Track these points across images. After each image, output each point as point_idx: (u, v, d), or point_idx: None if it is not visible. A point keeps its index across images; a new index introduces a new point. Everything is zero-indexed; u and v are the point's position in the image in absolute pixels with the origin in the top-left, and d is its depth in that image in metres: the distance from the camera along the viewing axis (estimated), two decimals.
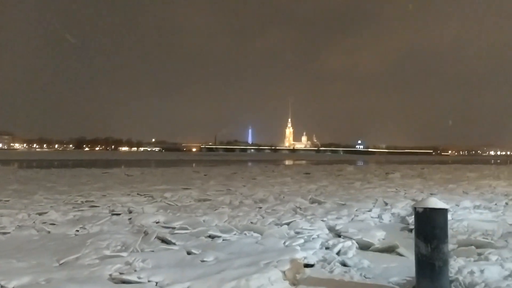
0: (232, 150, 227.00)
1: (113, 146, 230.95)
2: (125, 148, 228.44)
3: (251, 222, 8.34)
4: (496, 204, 11.23)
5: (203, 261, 5.49)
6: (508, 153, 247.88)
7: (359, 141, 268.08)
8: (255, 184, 17.49)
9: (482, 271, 4.80)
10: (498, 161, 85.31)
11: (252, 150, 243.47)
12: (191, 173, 26.60)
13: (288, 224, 8.09)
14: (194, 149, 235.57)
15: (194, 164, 45.60)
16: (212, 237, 7.09)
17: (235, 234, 7.28)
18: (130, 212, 9.63)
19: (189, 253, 5.94)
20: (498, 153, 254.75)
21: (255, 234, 7.27)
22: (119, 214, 9.28)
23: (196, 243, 6.62)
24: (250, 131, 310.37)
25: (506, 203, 11.45)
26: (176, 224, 7.95)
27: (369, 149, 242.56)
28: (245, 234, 7.33)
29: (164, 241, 6.72)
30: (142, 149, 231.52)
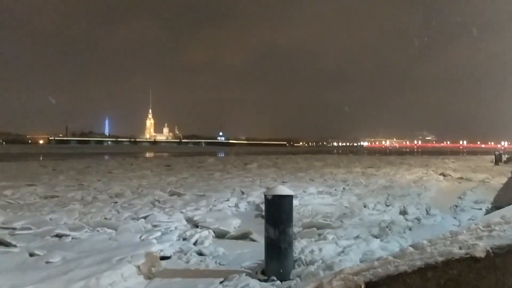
0: (87, 142, 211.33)
1: None
2: None
3: (105, 218, 7.93)
4: (335, 189, 12.71)
5: (48, 262, 5.03)
6: (348, 143, 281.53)
7: (221, 133, 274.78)
8: (111, 178, 16.62)
9: (320, 250, 5.40)
10: (340, 151, 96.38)
11: (109, 142, 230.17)
12: (38, 167, 24.01)
13: (145, 217, 7.91)
14: (41, 141, 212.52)
15: (41, 158, 41.22)
16: (59, 236, 6.54)
17: (86, 232, 6.84)
18: None
19: (31, 254, 5.39)
20: (340, 144, 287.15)
21: (109, 230, 6.93)
22: None
23: (41, 243, 6.04)
24: (107, 122, 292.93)
25: (344, 188, 13.05)
26: (17, 224, 7.12)
27: (230, 141, 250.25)
28: (98, 230, 6.94)
29: (2, 243, 5.97)
30: None
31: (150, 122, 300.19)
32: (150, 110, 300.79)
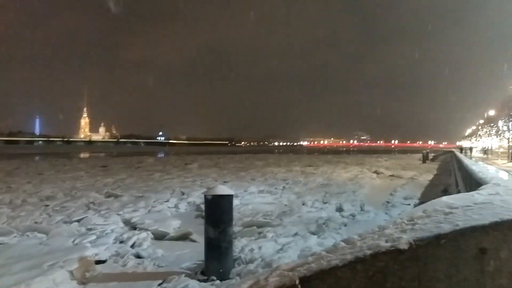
0: (15, 142, 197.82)
1: None
2: None
3: (35, 222, 7.51)
4: (276, 188, 12.95)
5: None
6: (289, 143, 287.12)
7: (161, 133, 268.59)
8: (42, 180, 15.73)
9: (260, 248, 5.49)
10: (281, 150, 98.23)
11: (40, 142, 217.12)
12: None
13: (79, 221, 7.58)
14: None
15: None
16: None
17: (15, 237, 6.45)
18: None
19: None
20: (281, 143, 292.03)
21: (40, 235, 6.58)
22: None
23: None
24: (37, 121, 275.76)
25: (284, 187, 13.33)
26: None
27: (170, 141, 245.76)
28: (28, 235, 6.57)
29: None
30: None
31: (85, 121, 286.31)
32: (85, 109, 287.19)
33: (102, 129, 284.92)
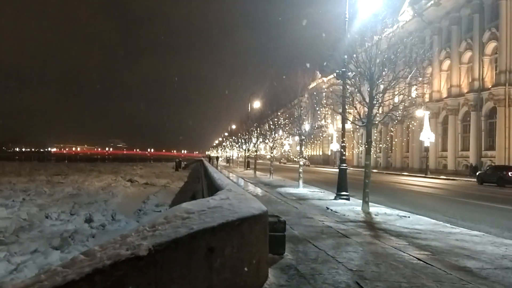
0: None
1: None
2: None
3: None
4: (13, 200, 11.34)
5: None
6: (34, 149, 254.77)
7: None
8: None
9: None
10: (23, 157, 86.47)
11: None
12: None
13: None
14: None
15: None
16: None
17: None
18: None
19: None
20: (24, 149, 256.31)
21: None
22: None
23: None
24: None
25: (24, 199, 11.80)
26: None
27: None
28: None
29: None
30: None
31: None
32: None
33: None
